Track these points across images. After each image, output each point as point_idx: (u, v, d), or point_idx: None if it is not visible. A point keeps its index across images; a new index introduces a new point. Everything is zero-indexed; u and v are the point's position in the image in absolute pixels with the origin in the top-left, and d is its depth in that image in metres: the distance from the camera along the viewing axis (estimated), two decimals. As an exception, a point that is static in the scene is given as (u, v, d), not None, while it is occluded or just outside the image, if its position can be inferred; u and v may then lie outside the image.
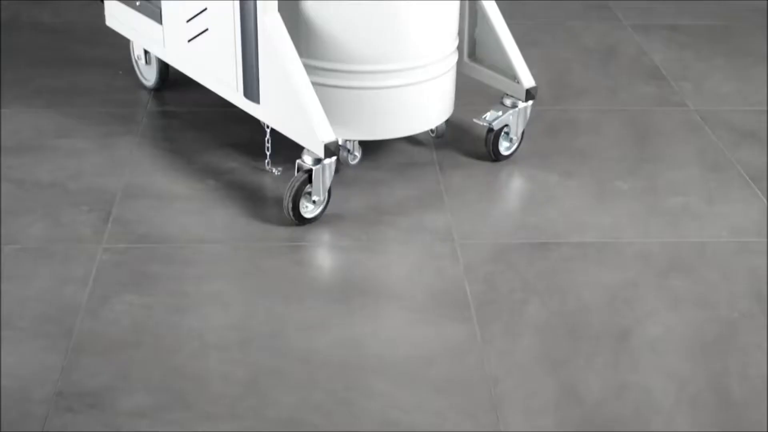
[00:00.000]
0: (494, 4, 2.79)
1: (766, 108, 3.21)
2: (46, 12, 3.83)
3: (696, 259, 2.45)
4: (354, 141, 2.67)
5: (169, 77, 3.14)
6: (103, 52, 3.42)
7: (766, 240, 2.52)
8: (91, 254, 2.39)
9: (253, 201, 2.62)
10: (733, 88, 3.35)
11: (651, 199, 2.69)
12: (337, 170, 2.51)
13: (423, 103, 2.63)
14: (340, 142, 2.55)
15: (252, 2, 2.44)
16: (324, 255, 2.48)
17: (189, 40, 2.72)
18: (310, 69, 2.49)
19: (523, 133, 2.84)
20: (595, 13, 3.98)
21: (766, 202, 2.69)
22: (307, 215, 2.51)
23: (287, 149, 2.59)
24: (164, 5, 2.78)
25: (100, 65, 3.35)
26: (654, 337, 2.18)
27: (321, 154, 2.41)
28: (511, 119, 2.79)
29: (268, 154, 2.70)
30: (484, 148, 2.82)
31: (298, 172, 2.48)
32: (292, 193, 2.46)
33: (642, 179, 2.78)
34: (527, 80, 2.76)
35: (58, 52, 3.48)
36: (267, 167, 2.72)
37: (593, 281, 2.36)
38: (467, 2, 2.79)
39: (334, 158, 2.45)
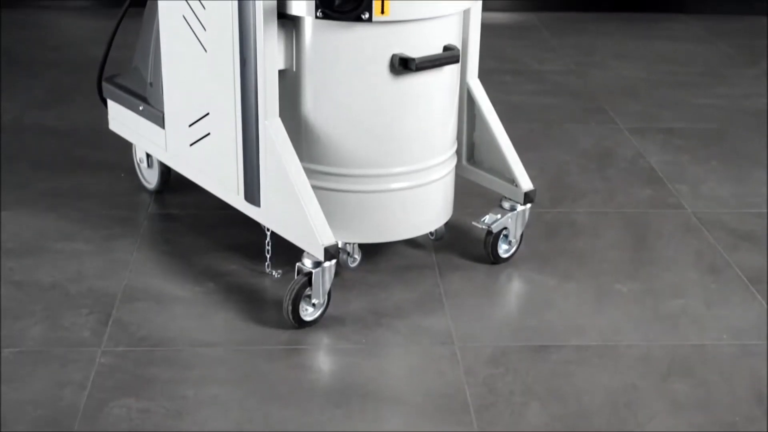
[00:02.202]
0: (492, 108, 2.83)
1: (763, 210, 3.23)
2: (49, 115, 3.88)
3: (696, 363, 2.44)
4: (354, 244, 2.68)
5: (171, 180, 3.16)
6: (105, 155, 3.46)
7: (766, 343, 2.52)
8: (90, 357, 2.39)
9: (253, 304, 2.62)
10: (729, 191, 3.38)
11: (650, 302, 2.69)
12: (336, 273, 2.52)
13: (422, 206, 2.65)
14: (339, 245, 2.56)
15: (253, 107, 2.48)
16: (323, 358, 2.47)
17: (191, 144, 2.75)
18: (310, 173, 2.51)
19: (521, 235, 2.86)
20: (592, 117, 4.03)
21: (765, 304, 2.69)
22: (307, 318, 2.51)
23: (287, 252, 2.61)
24: (167, 110, 2.82)
25: (103, 168, 3.38)
26: (655, 442, 2.16)
27: (321, 257, 2.43)
28: (510, 222, 2.81)
29: (268, 256, 2.71)
30: (483, 251, 2.84)
31: (297, 275, 2.49)
32: (292, 296, 2.46)
33: (641, 282, 2.79)
34: (525, 183, 2.79)
35: (61, 154, 3.51)
36: (267, 270, 2.73)
37: (593, 385, 2.35)
38: (465, 106, 2.83)
39: (333, 261, 2.46)
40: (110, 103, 3.13)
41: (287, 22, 2.46)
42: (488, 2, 3.39)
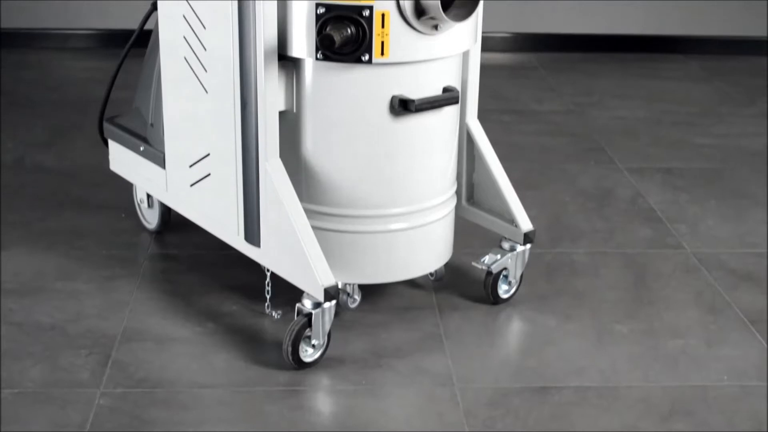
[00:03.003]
0: (491, 148, 2.84)
1: (762, 250, 3.24)
2: (50, 155, 3.89)
3: (697, 404, 2.44)
4: (353, 284, 2.68)
5: (171, 220, 3.17)
6: (106, 195, 3.47)
7: (766, 384, 2.52)
8: (89, 399, 2.38)
9: (253, 344, 2.62)
10: (728, 231, 3.39)
11: (650, 342, 2.69)
12: (336, 313, 2.52)
13: (422, 247, 2.66)
14: (339, 286, 2.56)
15: (254, 148, 2.49)
16: (323, 400, 2.47)
17: (191, 185, 2.76)
18: (310, 213, 2.52)
19: (521, 276, 2.86)
20: (591, 157, 4.05)
21: (765, 344, 2.69)
22: (307, 359, 2.51)
23: (287, 292, 2.61)
24: (168, 150, 2.83)
25: (103, 208, 3.39)
26: (657, 484, 2.15)
27: (321, 298, 2.43)
28: (510, 262, 2.82)
29: (268, 297, 2.71)
30: (483, 291, 2.84)
31: (297, 315, 2.49)
32: (292, 337, 2.46)
33: (641, 322, 2.79)
34: (525, 224, 2.79)
35: (61, 194, 3.52)
36: (267, 310, 2.73)
37: (594, 427, 2.34)
38: (465, 147, 2.84)
39: (333, 302, 2.46)
40: (111, 143, 3.14)
41: (288, 63, 2.48)
42: (487, 43, 3.41)
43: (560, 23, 5.70)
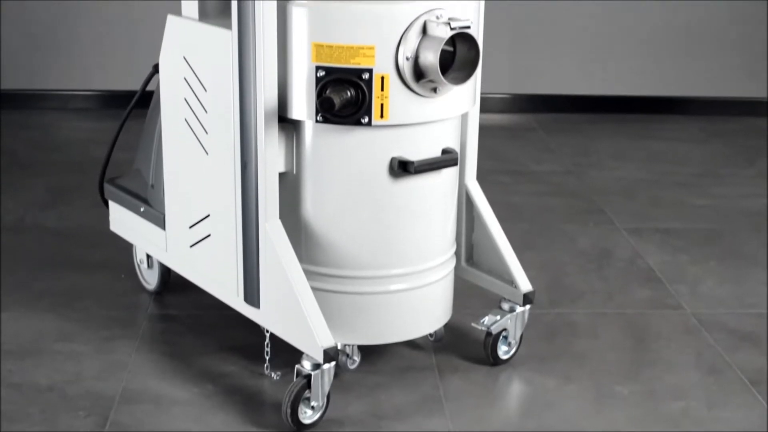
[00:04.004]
0: (490, 209, 2.85)
1: (762, 311, 3.23)
2: (50, 215, 3.90)
3: (698, 466, 2.43)
4: (353, 345, 2.67)
5: (171, 280, 3.17)
6: (105, 255, 3.47)
7: (768, 446, 2.51)
8: (86, 461, 2.37)
9: (252, 406, 2.61)
10: (728, 291, 3.39)
11: (651, 404, 2.68)
12: (336, 374, 2.51)
13: (422, 307, 2.66)
14: (339, 347, 2.56)
15: (254, 209, 2.50)
16: (322, 462, 2.46)
17: (191, 246, 2.77)
18: (309, 274, 2.52)
19: (521, 336, 2.85)
20: (590, 217, 4.06)
21: (766, 406, 2.68)
22: (306, 421, 2.49)
23: (287, 353, 2.60)
24: (168, 211, 2.84)
25: (103, 269, 3.39)
26: None
27: (320, 359, 2.42)
28: (509, 323, 2.81)
29: (267, 358, 2.71)
30: (483, 352, 2.83)
31: (297, 377, 2.48)
32: (291, 399, 2.45)
33: (641, 383, 2.78)
34: (524, 285, 2.80)
35: (61, 255, 3.53)
36: (266, 371, 2.72)
37: (595, 489, 2.33)
38: (464, 207, 2.85)
39: (333, 363, 2.45)
40: (112, 204, 3.15)
41: (288, 125, 2.50)
42: (486, 103, 3.44)
43: (559, 84, 5.74)
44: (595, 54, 5.71)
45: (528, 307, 2.82)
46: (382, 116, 2.40)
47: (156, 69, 2.86)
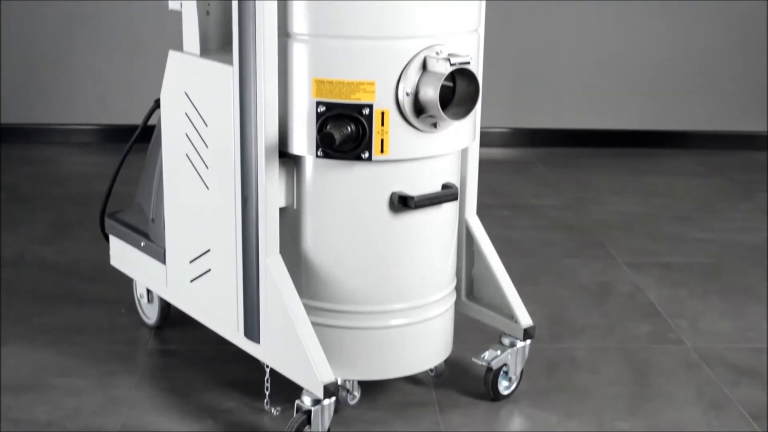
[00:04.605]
0: (490, 244, 2.85)
1: (762, 345, 3.23)
2: (50, 250, 3.91)
3: (700, 502, 2.41)
4: (353, 380, 2.67)
5: (171, 315, 3.17)
6: (106, 290, 3.47)
7: (770, 482, 2.50)
8: (85, 497, 2.36)
9: (252, 441, 2.61)
10: (728, 326, 3.38)
11: (652, 440, 2.68)
12: (336, 410, 2.50)
13: (422, 342, 2.65)
14: (339, 382, 2.55)
15: (254, 244, 2.50)
16: (322, 498, 2.44)
17: (191, 280, 2.77)
18: (309, 309, 2.52)
19: (522, 372, 2.85)
20: (590, 252, 4.06)
21: (768, 442, 2.67)
22: (306, 457, 2.49)
23: (287, 388, 2.59)
24: (168, 246, 2.85)
25: (103, 303, 3.39)
26: None
27: (320, 394, 2.41)
28: (510, 358, 2.81)
29: (267, 393, 2.70)
30: (484, 387, 2.82)
31: (297, 412, 2.47)
32: (291, 434, 2.45)
33: (642, 419, 2.77)
34: (525, 319, 2.79)
35: (61, 289, 3.53)
36: (266, 407, 2.72)
37: None
38: (464, 242, 2.85)
39: (333, 399, 2.45)
40: (112, 238, 3.16)
41: (288, 160, 2.51)
42: (486, 138, 3.45)
43: (558, 119, 5.76)
44: (594, 89, 5.73)
45: (528, 341, 2.81)
46: (382, 151, 2.41)
47: (157, 104, 2.87)
